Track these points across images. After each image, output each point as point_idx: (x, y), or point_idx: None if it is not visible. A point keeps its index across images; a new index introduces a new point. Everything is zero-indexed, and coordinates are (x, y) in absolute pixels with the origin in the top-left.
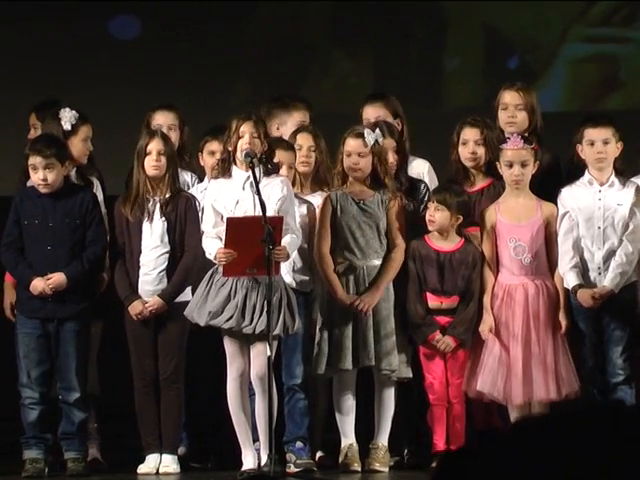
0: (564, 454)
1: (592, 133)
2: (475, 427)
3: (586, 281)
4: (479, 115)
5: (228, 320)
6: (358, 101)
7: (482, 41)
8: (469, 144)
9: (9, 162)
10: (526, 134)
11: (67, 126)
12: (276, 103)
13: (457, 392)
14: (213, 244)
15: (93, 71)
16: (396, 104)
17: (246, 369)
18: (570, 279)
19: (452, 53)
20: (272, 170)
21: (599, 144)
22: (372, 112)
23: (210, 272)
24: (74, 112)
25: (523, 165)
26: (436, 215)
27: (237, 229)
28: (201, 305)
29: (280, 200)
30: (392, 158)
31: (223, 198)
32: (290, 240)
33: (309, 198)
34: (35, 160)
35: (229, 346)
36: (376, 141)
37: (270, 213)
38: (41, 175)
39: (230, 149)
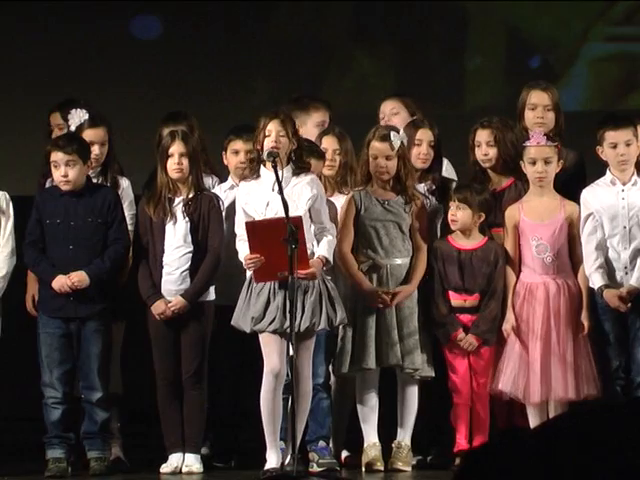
0: (587, 451)
1: (614, 136)
2: (498, 426)
3: (613, 281)
4: (500, 115)
5: (271, 323)
6: (379, 101)
7: (503, 41)
8: (482, 146)
9: (32, 162)
10: (551, 134)
11: (72, 127)
12: (295, 104)
13: (481, 391)
14: (244, 248)
15: (114, 71)
16: (414, 104)
17: (282, 369)
18: (596, 280)
19: (473, 53)
20: (302, 169)
21: (622, 146)
22: (388, 105)
23: (248, 279)
24: (85, 114)
25: (546, 162)
26: (458, 214)
27: (258, 232)
28: (244, 312)
29: (310, 199)
30: (426, 149)
31: (253, 201)
32: (327, 245)
33: (333, 199)
34: (57, 156)
35: (266, 345)
36: (401, 143)
37: (300, 213)
38: (62, 171)
39: (258, 148)
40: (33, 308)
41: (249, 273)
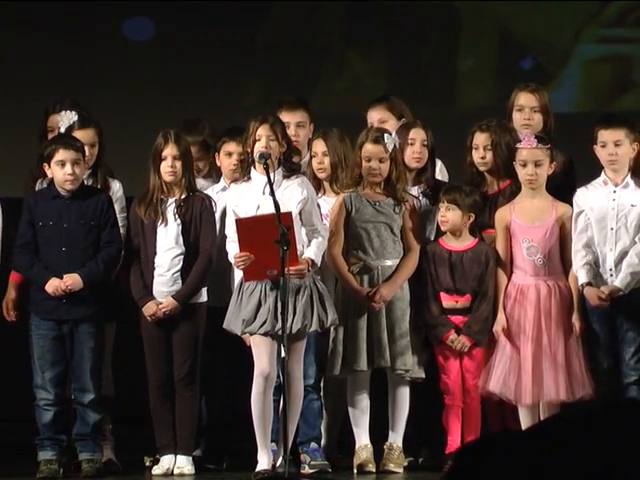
0: (579, 453)
1: (604, 135)
2: (490, 428)
3: (602, 283)
4: (493, 116)
5: (262, 325)
6: (369, 105)
7: (496, 42)
8: (479, 149)
9: (18, 164)
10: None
11: (62, 129)
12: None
13: (473, 392)
14: (234, 248)
15: (107, 73)
16: (400, 105)
17: (272, 371)
18: (581, 276)
19: (466, 54)
20: (292, 171)
21: (610, 145)
22: (375, 115)
23: (239, 282)
24: (74, 115)
25: (537, 165)
26: (447, 215)
27: (248, 229)
28: (236, 315)
29: (301, 202)
30: (419, 148)
31: (244, 203)
32: (316, 248)
33: (326, 198)
34: (65, 155)
35: (257, 347)
36: (394, 145)
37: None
38: (69, 170)
39: (248, 151)
40: (7, 313)
41: (240, 275)
